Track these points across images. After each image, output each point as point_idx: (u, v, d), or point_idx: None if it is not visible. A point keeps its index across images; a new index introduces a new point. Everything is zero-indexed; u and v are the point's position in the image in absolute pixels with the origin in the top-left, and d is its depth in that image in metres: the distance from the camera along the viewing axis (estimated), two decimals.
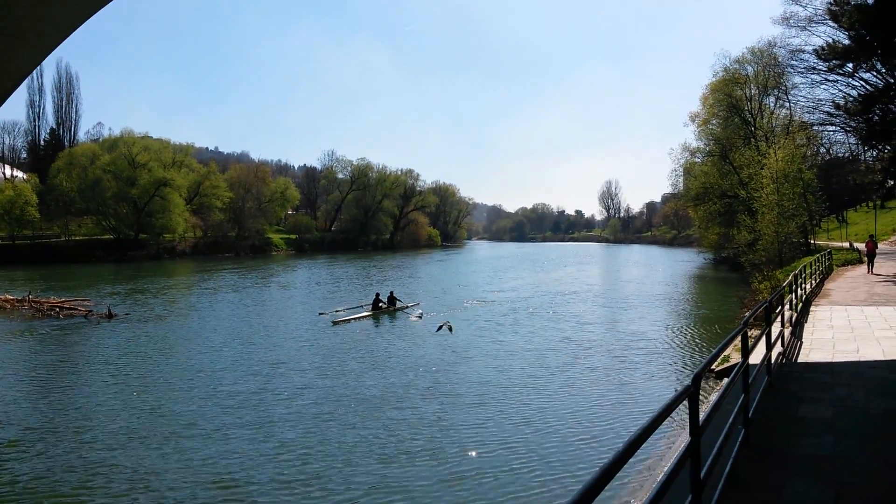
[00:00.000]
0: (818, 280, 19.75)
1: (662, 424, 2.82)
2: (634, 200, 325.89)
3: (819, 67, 34.98)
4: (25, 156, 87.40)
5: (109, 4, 8.53)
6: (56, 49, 9.35)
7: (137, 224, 70.65)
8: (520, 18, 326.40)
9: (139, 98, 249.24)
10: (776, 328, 8.68)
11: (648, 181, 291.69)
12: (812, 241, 36.84)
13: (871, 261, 24.37)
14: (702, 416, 3.36)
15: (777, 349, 8.54)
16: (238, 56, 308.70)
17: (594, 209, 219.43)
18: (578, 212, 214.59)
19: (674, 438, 8.77)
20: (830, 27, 32.27)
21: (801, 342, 10.54)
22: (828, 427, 5.94)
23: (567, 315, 23.34)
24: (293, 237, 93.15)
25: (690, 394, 3.15)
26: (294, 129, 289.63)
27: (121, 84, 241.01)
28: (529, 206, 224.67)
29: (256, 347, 17.24)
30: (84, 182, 68.47)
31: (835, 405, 6.68)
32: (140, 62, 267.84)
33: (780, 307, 9.92)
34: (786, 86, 41.53)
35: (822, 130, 42.15)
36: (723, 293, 30.50)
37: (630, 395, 12.03)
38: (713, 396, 9.12)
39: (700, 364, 3.66)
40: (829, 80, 36.32)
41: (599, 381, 13.10)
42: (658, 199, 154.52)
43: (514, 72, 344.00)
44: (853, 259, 30.45)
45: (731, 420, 4.61)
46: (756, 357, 6.92)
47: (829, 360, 9.15)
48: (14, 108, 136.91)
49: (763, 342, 7.05)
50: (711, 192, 44.29)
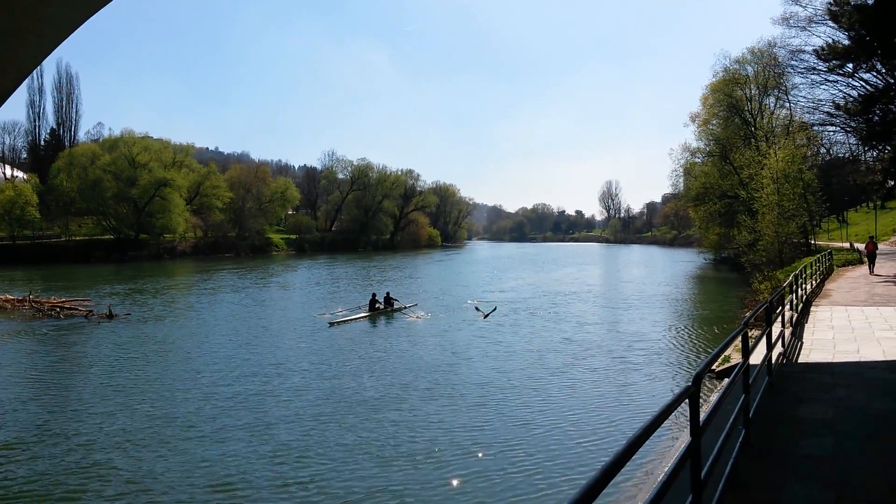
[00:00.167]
0: (818, 280, 19.74)
1: (663, 425, 2.81)
2: (635, 201, 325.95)
3: (819, 68, 35.03)
4: (26, 156, 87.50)
5: (109, 4, 8.52)
6: (56, 49, 9.34)
7: (138, 224, 70.69)
8: (520, 19, 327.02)
9: (139, 98, 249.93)
10: (776, 328, 8.67)
11: (649, 181, 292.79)
12: (812, 242, 36.81)
13: (872, 261, 24.36)
14: (702, 417, 3.36)
15: (777, 349, 8.53)
16: (238, 56, 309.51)
17: (594, 209, 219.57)
18: (579, 212, 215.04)
19: (674, 439, 8.76)
20: (830, 27, 32.32)
21: (802, 342, 10.54)
22: (828, 428, 5.94)
23: (567, 315, 23.34)
24: (293, 237, 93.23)
25: (691, 394, 3.14)
26: (294, 130, 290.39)
27: (121, 84, 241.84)
28: (530, 207, 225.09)
29: (255, 348, 17.24)
30: (84, 182, 68.55)
31: (835, 406, 6.68)
32: (140, 62, 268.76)
33: (781, 307, 9.91)
34: (786, 86, 41.61)
35: (823, 131, 42.21)
36: (723, 293, 30.49)
37: (630, 396, 12.02)
38: (713, 397, 9.12)
39: (700, 364, 3.65)
40: (829, 81, 36.40)
41: (600, 382, 13.09)
42: (658, 200, 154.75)
43: (515, 72, 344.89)
44: (853, 259, 30.45)
45: (732, 420, 4.60)
46: (756, 357, 6.91)
47: (830, 361, 9.15)
48: (14, 109, 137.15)
49: (763, 342, 7.05)
50: (712, 193, 44.32)
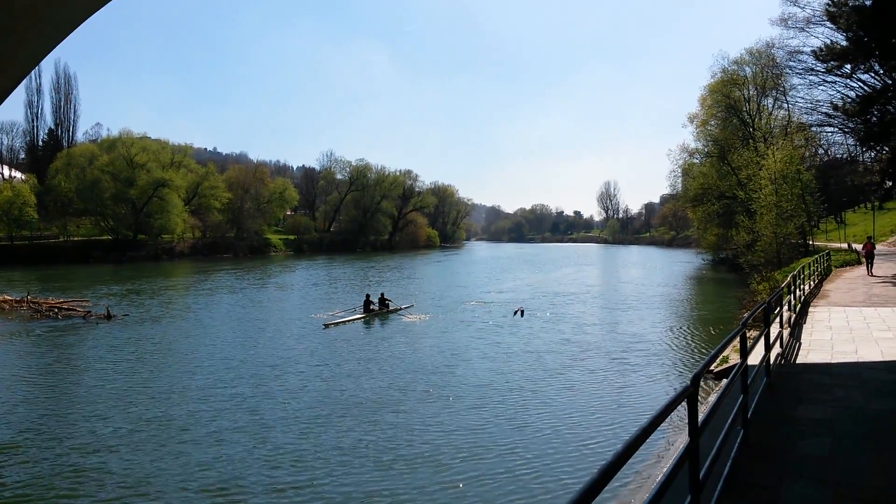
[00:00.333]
0: (817, 281, 19.77)
1: (661, 425, 2.82)
2: (633, 201, 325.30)
3: (817, 68, 35.05)
4: (24, 156, 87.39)
5: (109, 4, 8.51)
6: (55, 49, 9.33)
7: (136, 225, 70.56)
8: (519, 19, 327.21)
9: (138, 98, 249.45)
10: (775, 329, 8.68)
11: (647, 182, 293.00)
12: (810, 242, 36.86)
13: (870, 262, 24.40)
14: (700, 417, 3.36)
15: (776, 350, 8.54)
16: (237, 56, 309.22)
17: (593, 210, 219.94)
18: (577, 212, 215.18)
19: (673, 439, 8.77)
20: (828, 28, 32.31)
21: (800, 343, 10.55)
22: (826, 428, 5.95)
23: (566, 316, 23.34)
24: (292, 238, 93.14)
25: (689, 395, 3.15)
26: (293, 130, 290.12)
27: (120, 84, 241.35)
28: (528, 207, 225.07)
29: (252, 350, 17.20)
30: (82, 183, 68.42)
31: (833, 406, 6.69)
32: (139, 62, 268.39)
33: (779, 308, 9.93)
34: (784, 87, 41.61)
35: (821, 131, 42.21)
36: (721, 294, 30.53)
37: (629, 397, 12.03)
38: (712, 397, 9.14)
39: (699, 365, 3.66)
40: (828, 82, 36.43)
41: (598, 383, 13.10)
42: (657, 200, 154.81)
43: (514, 72, 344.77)
44: (851, 260, 30.48)
45: (730, 421, 4.61)
46: (755, 358, 6.92)
47: (828, 362, 9.16)
48: (12, 109, 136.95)
49: (762, 343, 7.06)
50: (710, 193, 44.35)
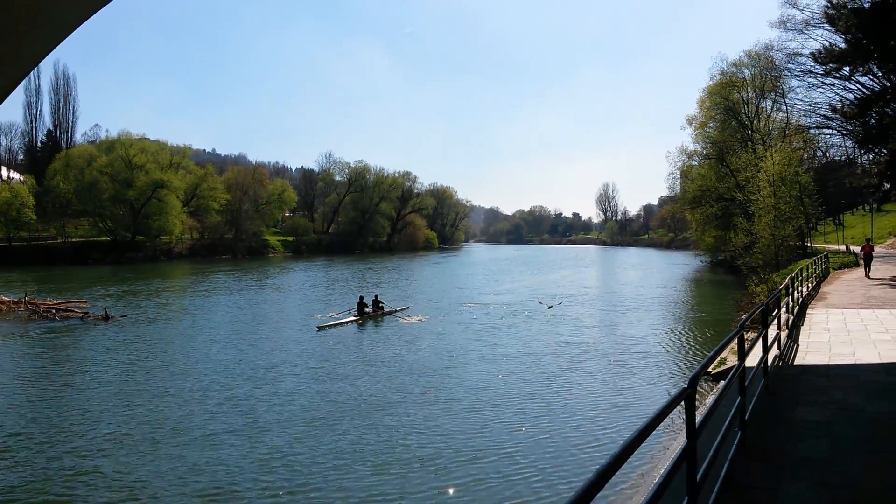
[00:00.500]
0: (815, 283, 19.79)
1: (659, 427, 2.82)
2: (632, 203, 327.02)
3: (816, 71, 35.17)
4: (22, 157, 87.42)
5: (109, 4, 8.50)
6: (54, 50, 9.32)
7: (134, 226, 70.54)
8: (518, 20, 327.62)
9: (137, 99, 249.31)
10: (773, 331, 8.68)
11: (646, 184, 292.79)
12: (809, 244, 36.91)
13: (868, 264, 24.42)
14: (698, 419, 3.36)
15: (773, 352, 8.55)
16: (237, 58, 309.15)
17: (591, 212, 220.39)
18: (576, 214, 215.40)
19: (670, 441, 8.77)
20: (827, 31, 32.44)
21: (798, 345, 10.56)
22: (824, 430, 5.95)
23: (564, 318, 23.35)
24: (290, 239, 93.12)
25: (687, 396, 3.15)
26: (292, 132, 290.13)
27: (119, 85, 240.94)
28: (527, 209, 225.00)
29: (249, 352, 17.17)
30: (81, 184, 68.41)
31: (831, 408, 6.69)
32: (138, 63, 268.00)
33: (777, 310, 9.94)
34: (782, 89, 41.68)
35: (819, 134, 42.31)
36: (719, 296, 30.57)
37: (626, 399, 12.04)
38: (710, 399, 9.13)
39: (696, 367, 3.66)
40: (826, 84, 36.54)
41: (596, 385, 13.10)
42: (655, 202, 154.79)
43: (513, 74, 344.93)
44: (850, 262, 30.51)
45: (728, 423, 4.61)
46: (752, 360, 6.92)
47: (826, 363, 9.17)
48: (11, 110, 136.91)
49: (759, 345, 7.07)
50: (708, 195, 44.39)
